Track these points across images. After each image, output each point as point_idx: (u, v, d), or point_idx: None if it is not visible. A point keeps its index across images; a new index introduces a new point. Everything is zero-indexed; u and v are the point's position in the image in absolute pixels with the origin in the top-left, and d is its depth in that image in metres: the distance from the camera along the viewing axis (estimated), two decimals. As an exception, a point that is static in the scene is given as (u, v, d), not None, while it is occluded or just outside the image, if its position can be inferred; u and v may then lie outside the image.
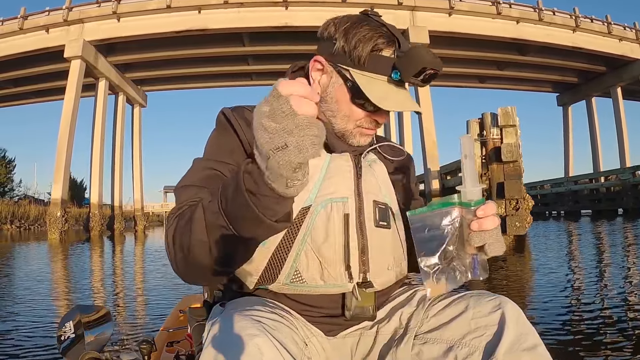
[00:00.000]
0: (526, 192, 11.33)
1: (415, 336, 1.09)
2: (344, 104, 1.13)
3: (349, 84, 1.11)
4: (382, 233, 1.14)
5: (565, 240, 13.09)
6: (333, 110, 1.15)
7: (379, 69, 1.08)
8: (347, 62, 1.10)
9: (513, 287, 5.96)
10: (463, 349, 1.02)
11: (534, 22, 26.65)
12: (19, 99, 34.84)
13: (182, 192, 1.04)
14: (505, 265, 8.00)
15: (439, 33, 24.63)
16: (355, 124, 1.14)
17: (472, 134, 11.74)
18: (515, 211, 11.04)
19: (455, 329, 1.05)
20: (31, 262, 11.93)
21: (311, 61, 1.18)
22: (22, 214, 34.49)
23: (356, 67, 1.09)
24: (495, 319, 1.02)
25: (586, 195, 30.39)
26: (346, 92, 1.12)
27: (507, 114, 11.20)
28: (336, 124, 1.15)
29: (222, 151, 1.09)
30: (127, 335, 3.89)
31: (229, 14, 23.94)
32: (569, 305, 4.67)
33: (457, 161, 17.39)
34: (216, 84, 34.55)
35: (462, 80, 34.17)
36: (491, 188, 11.43)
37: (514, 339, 0.97)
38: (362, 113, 1.13)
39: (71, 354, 1.46)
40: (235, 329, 0.85)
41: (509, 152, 11.04)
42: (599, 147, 35.53)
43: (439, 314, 1.10)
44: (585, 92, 35.17)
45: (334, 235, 1.07)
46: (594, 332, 3.59)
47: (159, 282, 7.05)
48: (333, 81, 1.14)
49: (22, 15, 25.06)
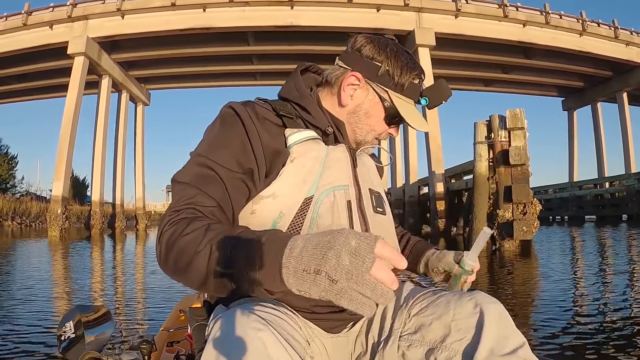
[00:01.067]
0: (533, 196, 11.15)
1: (400, 337, 1.13)
2: (375, 119, 1.25)
3: (386, 103, 1.23)
4: (380, 219, 1.23)
5: (571, 246, 12.90)
6: (362, 123, 1.25)
7: (412, 95, 1.24)
8: (390, 85, 1.22)
9: (520, 292, 5.79)
10: (443, 352, 1.05)
11: (540, 26, 26.43)
12: (23, 95, 34.75)
13: (180, 190, 1.05)
14: (512, 271, 7.84)
15: (445, 35, 24.45)
16: (374, 136, 1.27)
17: (480, 136, 11.57)
18: (523, 215, 10.86)
19: (436, 331, 1.09)
20: (28, 260, 11.83)
21: (347, 75, 1.24)
22: (23, 210, 34.47)
23: (396, 91, 1.22)
24: (476, 320, 1.04)
25: (590, 201, 30.23)
26: (381, 110, 1.24)
27: (515, 116, 11.01)
28: (360, 134, 1.26)
29: (223, 150, 1.10)
30: (127, 335, 3.88)
31: (233, 12, 23.80)
32: (580, 315, 4.49)
33: (462, 164, 17.28)
34: (220, 83, 34.37)
35: (467, 84, 33.96)
36: (498, 192, 11.24)
37: (494, 343, 0.99)
38: (385, 128, 1.27)
39: (71, 354, 1.46)
40: (239, 324, 0.86)
41: (517, 155, 10.84)
42: (604, 152, 35.29)
43: (420, 314, 1.14)
44: (591, 96, 34.88)
45: (340, 221, 1.11)
46: (603, 341, 3.47)
47: (159, 282, 7.01)
48: (369, 98, 1.24)
49: (26, 11, 24.96)
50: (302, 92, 1.25)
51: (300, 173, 1.12)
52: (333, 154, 1.18)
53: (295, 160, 1.13)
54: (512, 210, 10.96)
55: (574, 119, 37.76)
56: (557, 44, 26.83)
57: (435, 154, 22.27)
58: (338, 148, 1.21)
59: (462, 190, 17.84)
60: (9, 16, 25.55)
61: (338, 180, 1.15)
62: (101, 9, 24.42)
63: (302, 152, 1.14)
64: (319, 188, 1.12)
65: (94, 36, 24.55)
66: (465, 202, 17.03)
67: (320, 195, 1.11)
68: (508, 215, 11.03)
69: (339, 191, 1.14)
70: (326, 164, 1.15)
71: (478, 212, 11.52)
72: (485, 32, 25.28)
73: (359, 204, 1.18)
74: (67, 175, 24.11)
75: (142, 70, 30.14)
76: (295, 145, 1.15)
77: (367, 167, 1.29)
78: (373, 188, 1.25)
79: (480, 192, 11.60)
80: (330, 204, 1.11)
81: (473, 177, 12.16)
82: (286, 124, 1.18)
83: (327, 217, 1.10)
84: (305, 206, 1.10)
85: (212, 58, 28.05)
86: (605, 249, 11.35)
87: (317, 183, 1.12)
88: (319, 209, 1.10)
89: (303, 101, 1.23)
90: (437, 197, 19.53)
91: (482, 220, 11.42)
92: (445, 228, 18.63)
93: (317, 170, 1.14)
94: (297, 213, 1.09)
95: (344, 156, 1.20)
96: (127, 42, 25.87)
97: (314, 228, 1.08)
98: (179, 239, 0.92)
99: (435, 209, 19.42)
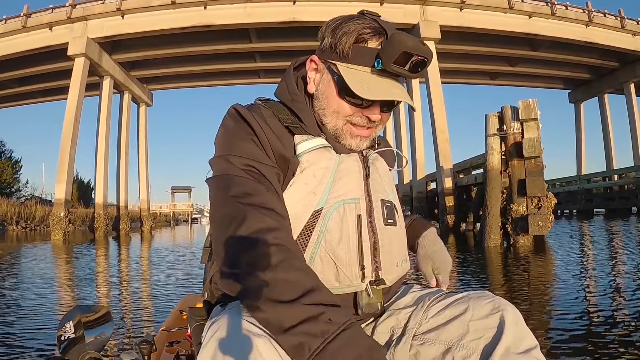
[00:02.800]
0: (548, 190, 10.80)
1: (414, 337, 1.11)
2: (332, 98, 1.13)
3: (335, 77, 1.11)
4: (390, 231, 1.16)
5: (585, 241, 12.53)
6: (324, 107, 1.15)
7: (364, 61, 1.07)
8: (334, 57, 1.10)
9: (538, 293, 5.44)
10: (461, 350, 1.04)
11: (546, 17, 26.20)
12: (24, 98, 34.80)
13: (245, 211, 1.01)
14: (528, 269, 7.51)
15: (450, 28, 24.22)
16: (344, 120, 1.13)
17: (491, 128, 11.23)
18: (537, 210, 10.51)
19: (454, 331, 1.07)
20: (28, 263, 11.69)
21: (307, 61, 1.18)
22: (27, 214, 34.71)
23: (341, 60, 1.09)
24: (494, 321, 1.04)
25: (599, 194, 30.12)
26: (333, 86, 1.12)
27: (528, 106, 10.65)
28: (327, 122, 1.15)
29: (245, 145, 1.08)
30: (127, 335, 3.89)
31: (235, 9, 23.60)
32: (606, 323, 4.12)
33: (470, 159, 16.97)
34: (223, 82, 34.26)
35: (473, 77, 33.84)
36: (512, 185, 10.89)
37: (510, 342, 0.99)
38: (351, 108, 1.12)
39: (71, 354, 1.46)
40: (235, 329, 0.87)
41: (530, 147, 10.48)
42: (612, 144, 35.10)
43: (438, 315, 1.11)
44: (598, 88, 34.67)
45: (348, 237, 1.08)
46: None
47: (159, 282, 7.11)
48: (323, 78, 1.14)
49: (25, 13, 24.90)
50: (293, 95, 1.19)
51: (310, 184, 1.10)
52: (344, 164, 1.14)
53: (305, 171, 1.10)
54: (527, 204, 10.62)
55: (580, 112, 37.64)
56: (563, 34, 26.63)
57: (443, 148, 21.97)
58: (350, 157, 1.16)
59: (471, 185, 17.57)
60: (8, 19, 25.50)
61: (349, 192, 1.11)
62: (101, 9, 24.30)
63: (312, 161, 1.11)
64: (329, 201, 1.09)
65: (94, 37, 24.41)
66: (475, 197, 16.82)
67: (329, 209, 1.09)
68: (522, 210, 10.70)
69: (350, 205, 1.10)
70: (337, 175, 1.12)
71: (491, 207, 11.17)
72: (491, 24, 25.06)
73: (370, 217, 1.13)
74: (70, 177, 23.91)
75: (144, 70, 30.03)
76: (305, 154, 1.11)
77: (380, 174, 1.22)
78: (385, 198, 1.19)
79: (492, 187, 11.25)
80: (340, 218, 1.08)
81: (485, 171, 11.80)
82: (293, 130, 1.14)
83: (335, 232, 1.08)
84: (314, 219, 1.08)
85: (214, 56, 27.91)
86: (620, 243, 10.99)
87: (327, 195, 1.09)
88: (328, 222, 1.08)
89: (294, 105, 1.17)
90: (446, 192, 19.14)
91: (496, 216, 11.09)
92: (454, 224, 18.28)
93: (327, 180, 1.10)
94: (306, 225, 1.08)
95: (356, 166, 1.15)
96: (128, 42, 25.76)
97: (322, 242, 1.07)
98: (274, 270, 0.94)
99: (443, 204, 19.03)
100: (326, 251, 1.07)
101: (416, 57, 1.03)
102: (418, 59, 1.04)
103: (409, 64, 1.04)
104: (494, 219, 11.13)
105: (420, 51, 1.03)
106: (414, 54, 1.02)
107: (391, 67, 1.03)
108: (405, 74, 1.06)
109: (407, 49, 1.01)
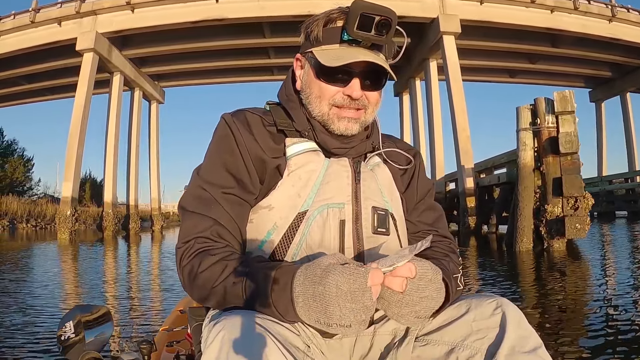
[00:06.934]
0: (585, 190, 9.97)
1: (416, 338, 1.10)
2: (313, 84, 1.15)
3: (312, 62, 1.14)
4: (380, 240, 1.14)
5: (617, 245, 11.72)
6: (308, 95, 1.17)
7: (333, 39, 1.11)
8: (309, 46, 1.14)
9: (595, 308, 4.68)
10: (465, 351, 1.03)
11: (569, 12, 25.30)
12: (34, 96, 34.53)
13: (186, 219, 1.11)
14: (576, 277, 6.75)
15: (470, 22, 23.37)
16: (329, 105, 1.14)
17: (524, 122, 10.42)
18: (574, 211, 9.69)
19: (457, 331, 1.06)
20: (31, 263, 11.54)
21: (294, 61, 1.21)
22: (38, 212, 34.75)
23: (315, 46, 1.13)
24: (497, 321, 1.02)
25: (621, 196, 29.40)
26: (312, 72, 1.15)
27: (564, 98, 9.82)
28: (314, 110, 1.16)
29: (215, 168, 1.13)
30: (127, 335, 3.92)
31: (248, 2, 23.00)
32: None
33: (492, 157, 16.21)
34: (236, 79, 33.72)
35: (492, 75, 33.04)
36: (546, 184, 10.07)
37: (514, 341, 0.98)
38: (332, 89, 1.13)
39: (71, 354, 1.49)
40: (238, 329, 0.87)
41: (567, 142, 9.64)
42: (634, 145, 34.16)
43: (441, 316, 1.10)
44: (620, 87, 33.67)
45: (329, 241, 1.09)
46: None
47: (160, 282, 7.20)
48: (305, 69, 1.18)
49: (34, 8, 24.51)
50: (288, 95, 1.22)
51: (296, 186, 1.11)
52: (332, 168, 1.15)
53: (292, 173, 1.12)
54: (562, 205, 9.80)
55: (601, 111, 36.68)
56: (586, 30, 25.74)
57: (464, 146, 21.05)
58: (340, 161, 1.17)
59: (493, 186, 16.80)
60: (16, 14, 25.18)
61: (334, 197, 1.12)
62: (110, 3, 23.83)
63: (300, 164, 1.13)
64: (314, 204, 1.10)
65: (103, 31, 23.94)
66: (498, 198, 16.07)
67: (313, 212, 1.10)
68: (557, 211, 9.88)
69: (333, 209, 1.11)
70: (324, 179, 1.13)
71: (523, 207, 10.34)
72: (512, 19, 24.19)
73: (356, 223, 1.12)
74: (77, 176, 23.48)
75: (155, 66, 29.60)
76: (294, 156, 1.14)
77: (379, 181, 1.20)
78: (379, 205, 1.16)
79: (525, 185, 10.41)
80: (322, 222, 1.10)
81: (516, 168, 10.92)
82: (286, 133, 1.17)
83: (317, 236, 1.09)
84: (298, 220, 1.10)
85: (226, 52, 27.37)
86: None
87: (312, 198, 1.11)
88: (311, 225, 1.09)
89: (288, 105, 1.21)
90: (467, 192, 18.22)
91: (529, 217, 10.26)
92: (476, 226, 17.42)
93: (313, 184, 1.12)
94: (290, 226, 1.09)
95: (344, 171, 1.16)
96: (138, 37, 25.30)
97: (303, 245, 1.09)
98: (198, 277, 1.01)
99: (464, 205, 18.12)
100: (307, 254, 1.08)
101: (378, 17, 1.04)
102: (381, 19, 1.04)
103: (373, 27, 1.04)
104: (527, 221, 10.31)
105: (378, 11, 1.03)
106: (374, 14, 1.03)
107: (356, 34, 1.05)
108: (372, 38, 1.07)
109: (364, 10, 1.03)
